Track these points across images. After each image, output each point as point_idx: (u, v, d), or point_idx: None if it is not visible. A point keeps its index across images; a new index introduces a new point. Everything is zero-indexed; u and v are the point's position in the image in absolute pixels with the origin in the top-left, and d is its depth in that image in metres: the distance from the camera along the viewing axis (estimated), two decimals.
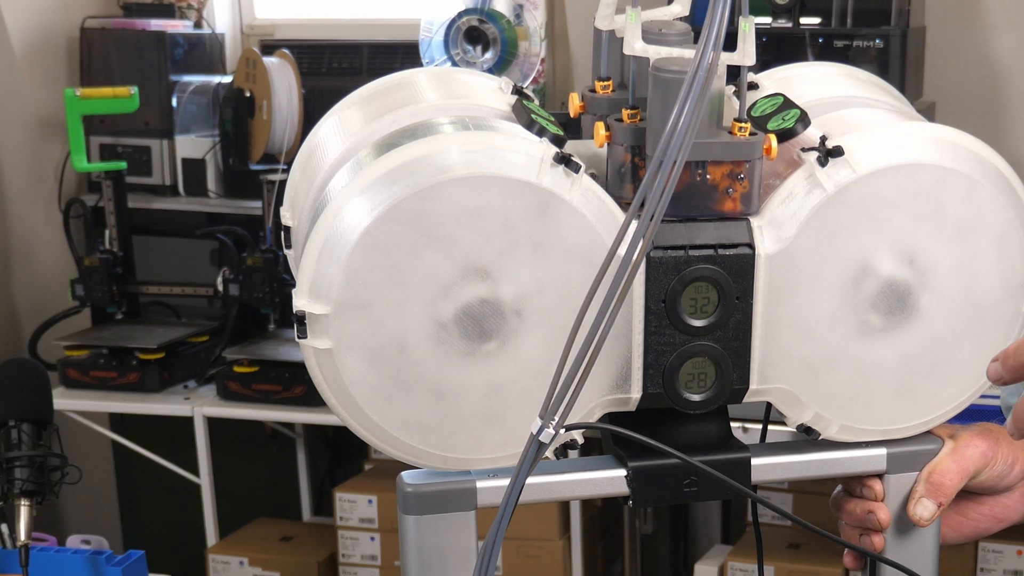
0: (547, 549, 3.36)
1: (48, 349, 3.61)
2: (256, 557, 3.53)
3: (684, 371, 0.99)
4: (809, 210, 0.98)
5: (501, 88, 1.11)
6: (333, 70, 3.85)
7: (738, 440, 1.05)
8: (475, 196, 0.92)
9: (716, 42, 0.84)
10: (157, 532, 4.05)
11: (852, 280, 1.00)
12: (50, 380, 1.74)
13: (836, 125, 1.04)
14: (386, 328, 0.94)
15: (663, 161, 0.85)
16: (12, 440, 1.64)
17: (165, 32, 3.80)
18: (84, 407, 3.47)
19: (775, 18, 2.97)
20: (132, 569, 1.70)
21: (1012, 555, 3.03)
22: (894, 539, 1.10)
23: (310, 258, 0.93)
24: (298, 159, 1.14)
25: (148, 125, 3.79)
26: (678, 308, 0.98)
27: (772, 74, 1.17)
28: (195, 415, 3.36)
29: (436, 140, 0.95)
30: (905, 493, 1.09)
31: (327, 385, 0.96)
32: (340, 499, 3.50)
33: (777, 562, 3.08)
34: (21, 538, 1.60)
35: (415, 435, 0.97)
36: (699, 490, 1.03)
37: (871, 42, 2.88)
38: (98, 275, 3.51)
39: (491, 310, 0.95)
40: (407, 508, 0.99)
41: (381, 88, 1.12)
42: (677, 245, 0.97)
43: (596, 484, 1.03)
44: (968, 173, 1.00)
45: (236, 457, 3.83)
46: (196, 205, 3.80)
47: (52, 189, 3.93)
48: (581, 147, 1.03)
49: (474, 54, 3.47)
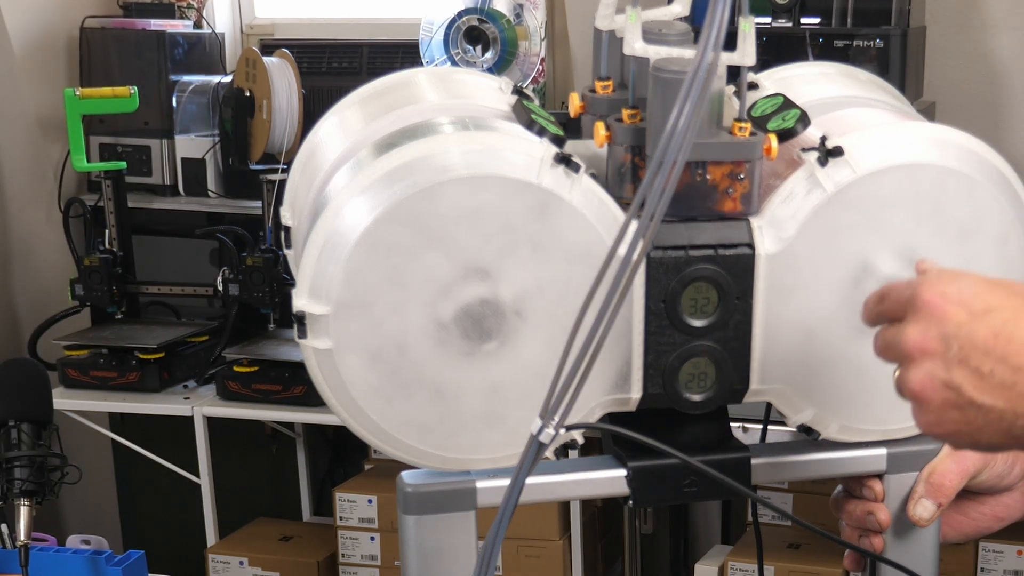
0: (547, 549, 3.36)
1: (48, 349, 3.60)
2: (256, 557, 3.52)
3: (684, 371, 0.99)
4: (809, 210, 0.98)
5: (501, 88, 1.11)
6: (333, 70, 3.84)
7: (738, 440, 1.05)
8: (475, 196, 0.92)
9: (716, 42, 0.84)
10: (157, 532, 4.04)
11: (852, 280, 1.00)
12: (50, 380, 1.74)
13: (836, 125, 1.04)
14: (386, 328, 0.94)
15: (663, 161, 0.85)
16: (12, 440, 1.64)
17: (165, 32, 3.80)
18: (84, 407, 3.46)
19: (775, 18, 2.97)
20: (132, 569, 1.71)
21: (1012, 555, 3.03)
22: (894, 539, 1.10)
23: (310, 258, 0.93)
24: (298, 159, 1.14)
25: (148, 125, 3.79)
26: (678, 308, 0.98)
27: (772, 74, 1.16)
28: (195, 415, 3.36)
29: (436, 140, 0.95)
30: (905, 493, 1.09)
31: (327, 385, 0.96)
32: (340, 499, 3.50)
33: (777, 562, 3.07)
34: (21, 538, 1.60)
35: (415, 435, 0.97)
36: (699, 490, 1.03)
37: (871, 42, 2.88)
38: (98, 275, 3.51)
39: (491, 310, 0.95)
40: (407, 508, 0.99)
41: (381, 88, 1.12)
42: (677, 245, 0.97)
43: (596, 484, 1.03)
44: (968, 173, 1.00)
45: (236, 457, 3.82)
46: (196, 205, 3.79)
47: (52, 189, 3.93)
48: (581, 147, 1.03)
49: (474, 54, 3.47)
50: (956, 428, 0.85)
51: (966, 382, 0.83)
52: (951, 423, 0.85)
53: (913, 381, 0.85)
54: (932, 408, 0.85)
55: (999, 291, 0.84)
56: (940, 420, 0.85)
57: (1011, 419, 0.83)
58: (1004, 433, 0.84)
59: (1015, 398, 0.82)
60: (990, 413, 0.83)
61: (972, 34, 3.26)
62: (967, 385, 0.83)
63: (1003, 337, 0.82)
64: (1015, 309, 0.83)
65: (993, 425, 0.84)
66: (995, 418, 0.83)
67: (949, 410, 0.84)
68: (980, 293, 0.84)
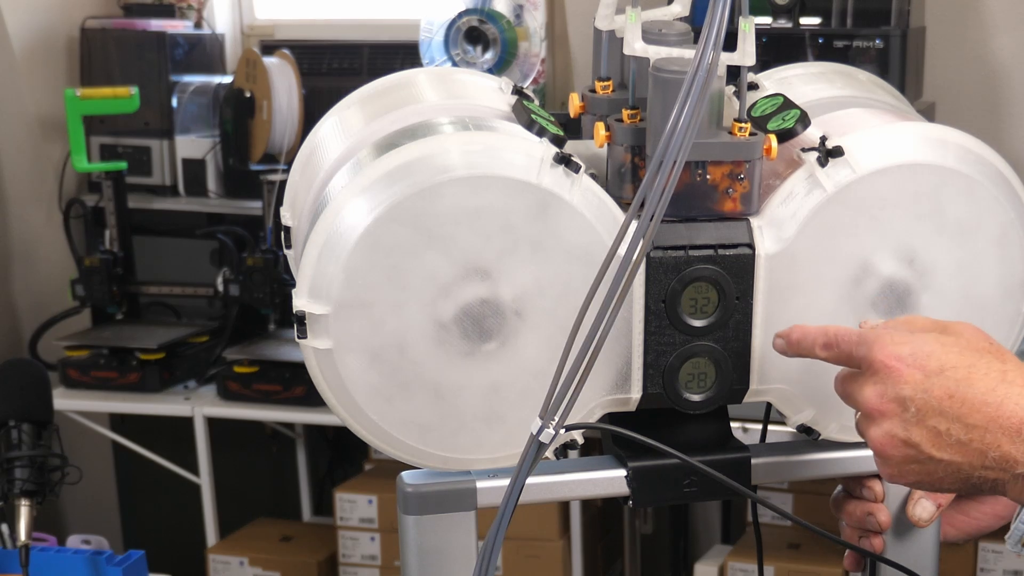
0: (547, 549, 3.36)
1: (48, 349, 3.60)
2: (256, 557, 3.52)
3: (684, 371, 0.99)
4: (809, 210, 0.98)
5: (501, 88, 1.11)
6: (333, 70, 3.84)
7: (738, 440, 1.05)
8: (475, 196, 0.92)
9: (716, 42, 0.84)
10: (157, 532, 4.04)
11: (852, 280, 1.00)
12: (50, 380, 1.74)
13: (836, 125, 1.04)
14: (386, 328, 0.94)
15: (663, 161, 0.85)
16: (12, 440, 1.64)
17: (165, 32, 3.79)
18: (84, 407, 3.46)
19: (775, 18, 2.97)
20: (132, 569, 1.70)
21: (1012, 555, 3.03)
22: (894, 539, 1.10)
23: (310, 258, 0.93)
24: (298, 159, 1.14)
25: (148, 125, 3.78)
26: (678, 308, 0.98)
27: (772, 74, 1.17)
28: (195, 415, 3.36)
29: (436, 140, 0.95)
30: (905, 494, 1.09)
31: (327, 385, 0.96)
32: (340, 499, 3.50)
33: (777, 562, 3.07)
34: (21, 538, 1.60)
35: (415, 435, 0.97)
36: (699, 490, 1.03)
37: (871, 42, 2.88)
38: (98, 275, 3.51)
39: (491, 310, 0.95)
40: (407, 508, 0.99)
41: (381, 88, 1.12)
42: (677, 245, 0.97)
43: (596, 484, 1.03)
44: (968, 173, 1.00)
45: (236, 457, 3.82)
46: (196, 205, 3.79)
47: (52, 189, 3.93)
48: (581, 147, 1.03)
49: (474, 54, 3.47)
50: (918, 479, 0.90)
51: (924, 440, 0.87)
52: (912, 474, 0.90)
53: (874, 440, 0.90)
54: (894, 463, 0.90)
55: (952, 349, 0.88)
56: (902, 472, 0.90)
57: (968, 471, 0.88)
58: (963, 482, 0.89)
59: (971, 453, 0.87)
60: (949, 466, 0.88)
61: (972, 34, 3.25)
62: (925, 443, 0.87)
63: (957, 398, 0.86)
64: (968, 368, 0.87)
65: (952, 476, 0.88)
66: (953, 470, 0.88)
67: (909, 464, 0.89)
68: (934, 352, 0.88)
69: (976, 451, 0.86)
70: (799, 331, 0.95)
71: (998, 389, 0.86)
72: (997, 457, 0.85)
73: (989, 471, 0.86)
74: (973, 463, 0.87)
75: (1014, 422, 0.85)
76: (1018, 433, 0.85)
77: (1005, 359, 0.88)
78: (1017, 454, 0.85)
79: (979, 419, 0.85)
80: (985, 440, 0.86)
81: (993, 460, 0.86)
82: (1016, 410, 0.85)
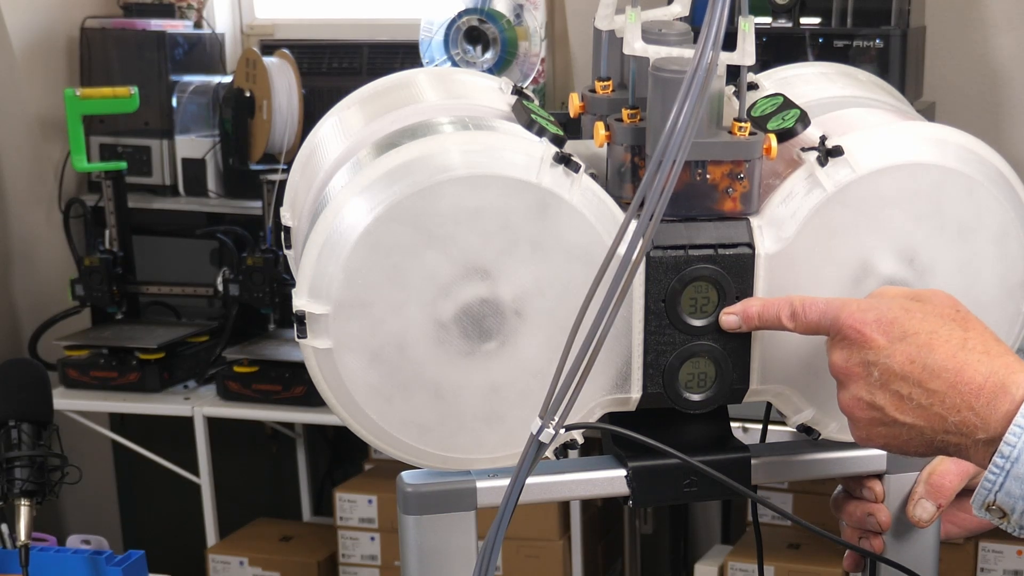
0: (547, 549, 3.36)
1: (48, 349, 3.60)
2: (256, 557, 3.52)
3: (684, 371, 0.99)
4: (809, 210, 0.98)
5: (501, 88, 1.11)
6: (333, 70, 3.84)
7: (738, 440, 1.05)
8: (475, 196, 0.92)
9: (716, 42, 0.84)
10: (157, 532, 4.04)
11: (852, 280, 1.00)
12: (50, 380, 1.74)
13: (836, 125, 1.04)
14: (386, 328, 0.94)
15: (663, 161, 0.85)
16: (12, 440, 1.64)
17: (165, 32, 3.79)
18: (84, 407, 3.46)
19: (775, 18, 2.97)
20: (132, 569, 1.70)
21: (1012, 555, 3.03)
22: (894, 539, 1.10)
23: (310, 258, 0.93)
24: (298, 159, 1.14)
25: (148, 125, 3.78)
26: (678, 308, 0.98)
27: (772, 74, 1.17)
28: (195, 415, 3.36)
29: (436, 140, 0.95)
30: (905, 494, 1.09)
31: (327, 385, 0.96)
32: (340, 499, 3.50)
33: (777, 562, 3.07)
34: (21, 538, 1.60)
35: (415, 435, 0.97)
36: (699, 490, 1.03)
37: (871, 42, 2.87)
38: (98, 275, 3.51)
39: (491, 310, 0.95)
40: (407, 508, 0.99)
41: (381, 88, 1.12)
42: (677, 245, 0.97)
43: (596, 484, 1.03)
44: (968, 173, 1.00)
45: (236, 457, 3.82)
46: (196, 205, 3.79)
47: (52, 189, 3.92)
48: (581, 147, 1.03)
49: (474, 54, 3.47)
50: (885, 441, 0.93)
51: (888, 404, 0.90)
52: (880, 437, 0.93)
53: (841, 401, 0.93)
54: (862, 425, 0.93)
55: (916, 315, 0.91)
56: (870, 435, 0.93)
57: (931, 435, 0.90)
58: (927, 445, 0.91)
59: (932, 418, 0.89)
60: (912, 430, 0.90)
61: (972, 34, 3.25)
62: (889, 407, 0.90)
63: (918, 363, 0.89)
64: (929, 334, 0.89)
65: (916, 439, 0.91)
66: (916, 434, 0.90)
67: (876, 426, 0.92)
68: (898, 318, 0.90)
69: (937, 415, 0.88)
70: (759, 303, 0.97)
71: (958, 355, 0.88)
72: (957, 422, 0.88)
73: (951, 435, 0.89)
74: (935, 427, 0.89)
75: (971, 388, 0.87)
76: (976, 399, 0.87)
77: (968, 326, 0.90)
78: (976, 420, 0.87)
79: (938, 385, 0.88)
80: (945, 405, 0.88)
81: (954, 425, 0.88)
82: (975, 376, 0.87)
